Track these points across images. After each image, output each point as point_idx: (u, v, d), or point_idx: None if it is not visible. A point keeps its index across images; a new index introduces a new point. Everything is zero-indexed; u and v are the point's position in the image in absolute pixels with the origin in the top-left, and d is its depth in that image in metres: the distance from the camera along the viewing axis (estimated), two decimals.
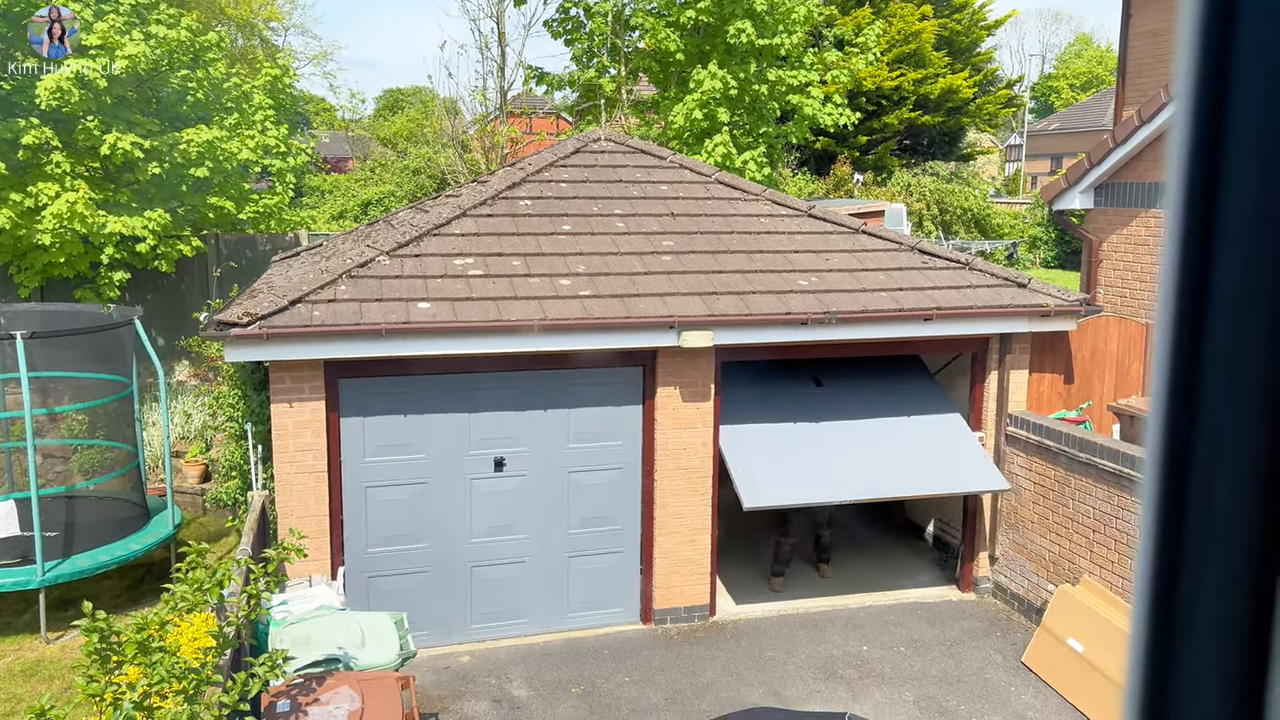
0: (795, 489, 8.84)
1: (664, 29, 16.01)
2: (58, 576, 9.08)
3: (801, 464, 9.02)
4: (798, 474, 8.91)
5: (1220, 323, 0.51)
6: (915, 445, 9.38)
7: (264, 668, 5.32)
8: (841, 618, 9.53)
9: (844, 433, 9.39)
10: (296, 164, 16.22)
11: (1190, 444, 0.52)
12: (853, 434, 9.39)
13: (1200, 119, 0.51)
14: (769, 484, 8.78)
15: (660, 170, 10.85)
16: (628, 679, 8.37)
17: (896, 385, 9.87)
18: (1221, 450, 0.51)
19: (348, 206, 24.42)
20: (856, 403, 9.64)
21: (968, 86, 35.01)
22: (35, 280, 14.09)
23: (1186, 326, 0.52)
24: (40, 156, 13.32)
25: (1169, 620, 0.53)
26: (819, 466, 9.03)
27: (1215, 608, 0.51)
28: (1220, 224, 0.50)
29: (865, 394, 9.73)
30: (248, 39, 29.31)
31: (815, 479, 8.92)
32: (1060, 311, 9.40)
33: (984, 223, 32.59)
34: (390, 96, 45.83)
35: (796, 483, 8.86)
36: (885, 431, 9.45)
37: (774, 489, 8.76)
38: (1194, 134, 0.51)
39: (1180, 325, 0.52)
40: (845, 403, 9.64)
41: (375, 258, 8.67)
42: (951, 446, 9.45)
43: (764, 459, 8.97)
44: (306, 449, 8.20)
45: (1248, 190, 0.50)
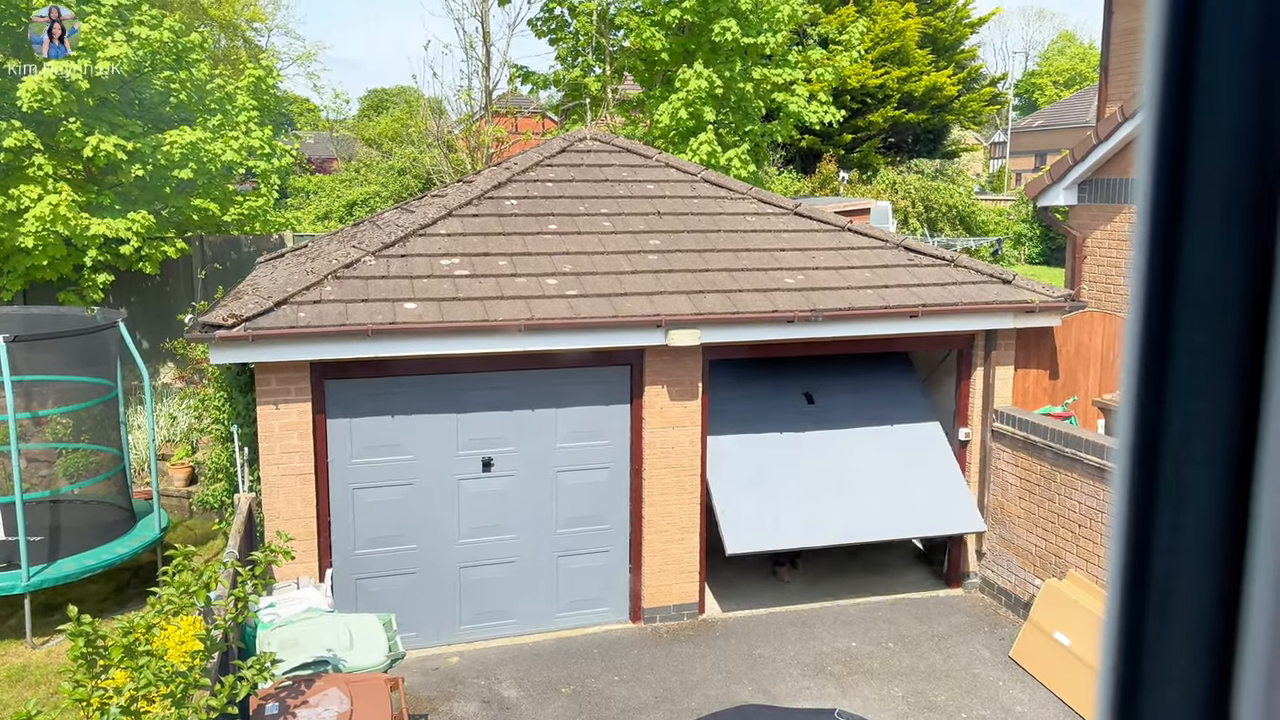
0: (777, 534, 9.11)
1: (649, 28, 16.02)
2: (43, 581, 9.02)
3: (785, 497, 9.26)
4: (780, 513, 9.16)
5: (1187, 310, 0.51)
6: (899, 473, 9.64)
7: (252, 670, 5.30)
8: (830, 615, 9.55)
9: (828, 450, 9.57)
10: (281, 165, 16.14)
11: (1160, 431, 0.53)
12: (837, 452, 9.58)
13: (1167, 107, 0.52)
14: (752, 527, 9.05)
15: (646, 169, 10.85)
16: (617, 678, 8.38)
17: (882, 389, 9.91)
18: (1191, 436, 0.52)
19: (333, 207, 24.32)
20: (842, 412, 9.74)
21: (952, 84, 35.13)
22: (18, 283, 13.98)
23: (1155, 315, 0.52)
24: (22, 159, 13.22)
25: (1141, 604, 0.54)
26: (802, 501, 9.27)
27: (1186, 591, 0.52)
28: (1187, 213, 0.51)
29: (851, 400, 9.79)
30: (231, 40, 29.16)
31: (798, 519, 9.18)
32: (1045, 308, 9.45)
33: (969, 220, 32.72)
34: (375, 96, 45.67)
35: (778, 526, 9.11)
36: (869, 449, 9.64)
37: (757, 534, 9.05)
38: (1161, 123, 0.52)
39: (1149, 313, 0.52)
40: (831, 412, 9.70)
41: (361, 258, 8.64)
42: (934, 474, 9.72)
43: (748, 495, 9.20)
44: (293, 451, 8.17)
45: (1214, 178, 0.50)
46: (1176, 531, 0.52)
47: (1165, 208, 0.51)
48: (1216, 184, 0.50)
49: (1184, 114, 0.50)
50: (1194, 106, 0.50)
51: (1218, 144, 0.50)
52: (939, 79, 34.37)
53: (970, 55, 39.27)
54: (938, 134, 37.20)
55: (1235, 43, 0.49)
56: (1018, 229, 31.87)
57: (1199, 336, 0.50)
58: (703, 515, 9.33)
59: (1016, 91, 65.25)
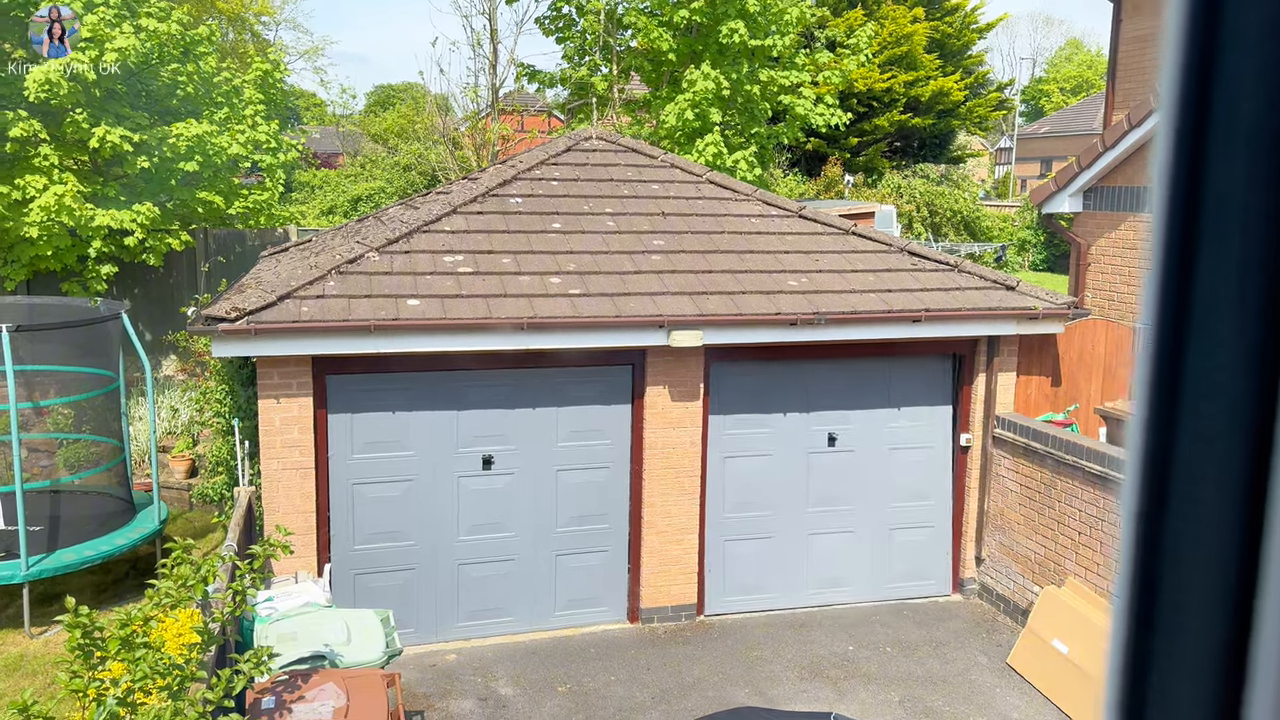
0: (751, 597, 9.58)
1: (656, 28, 16.01)
2: (42, 571, 9.03)
3: (775, 534, 9.64)
4: (760, 571, 9.59)
5: (1202, 324, 0.51)
6: (892, 516, 9.93)
7: (249, 664, 5.30)
8: (829, 618, 9.55)
9: (827, 472, 9.72)
10: (286, 160, 16.15)
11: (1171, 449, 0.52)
12: (834, 477, 9.74)
13: (1184, 120, 0.51)
14: (732, 589, 9.53)
15: (651, 169, 10.85)
16: (614, 678, 8.37)
17: (888, 395, 9.86)
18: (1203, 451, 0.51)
19: (337, 202, 24.33)
20: (847, 432, 9.73)
21: (959, 89, 35.11)
22: (22, 273, 14.00)
23: (1169, 327, 0.52)
24: (28, 149, 13.24)
25: (1149, 618, 0.53)
26: (790, 544, 9.67)
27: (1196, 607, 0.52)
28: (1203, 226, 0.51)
29: (850, 399, 9.75)
30: (238, 33, 29.18)
31: (776, 580, 9.64)
32: (1048, 314, 9.43)
33: (973, 225, 32.69)
34: (381, 92, 45.69)
35: (754, 588, 9.59)
36: (866, 474, 9.81)
37: (734, 596, 9.55)
38: (1178, 135, 0.51)
39: (1163, 326, 0.52)
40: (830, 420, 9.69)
41: (365, 254, 8.64)
42: (926, 516, 10.00)
43: (736, 532, 9.53)
44: (294, 445, 8.17)
45: (1230, 191, 0.50)
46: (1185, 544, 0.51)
47: (1181, 220, 0.50)
48: (1234, 194, 0.49)
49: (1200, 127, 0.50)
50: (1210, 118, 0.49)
51: (1235, 152, 0.49)
52: (946, 84, 34.35)
53: (978, 61, 39.23)
54: (944, 139, 37.17)
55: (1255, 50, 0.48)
56: (1022, 235, 31.86)
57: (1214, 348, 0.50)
58: (701, 516, 9.32)
59: (1023, 97, 65.23)
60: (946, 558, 10.18)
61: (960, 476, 10.03)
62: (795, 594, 9.78)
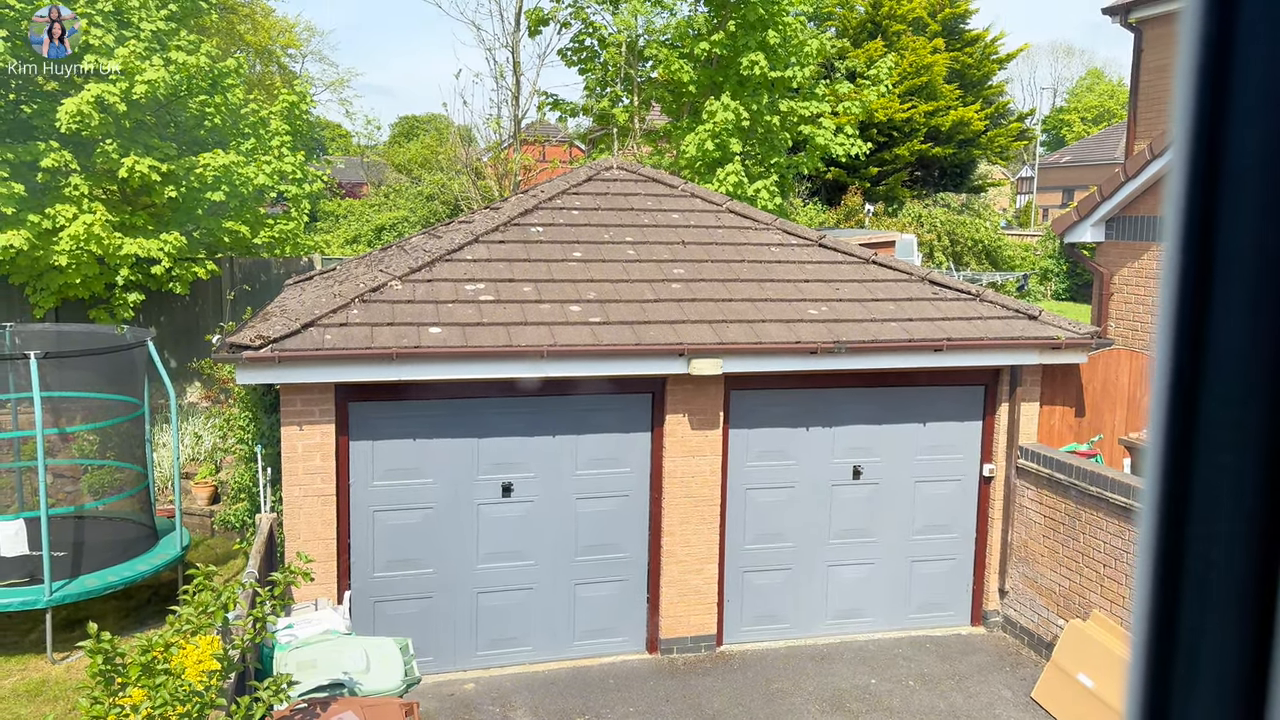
0: (770, 628, 9.60)
1: (677, 60, 16.15)
2: (65, 597, 9.08)
3: (786, 578, 9.64)
4: (780, 601, 9.60)
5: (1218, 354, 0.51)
6: (914, 546, 9.88)
7: (268, 692, 5.30)
8: (849, 650, 9.45)
9: (848, 505, 9.67)
10: (312, 190, 16.36)
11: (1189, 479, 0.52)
12: (855, 509, 9.68)
13: (1198, 152, 0.51)
14: (751, 620, 9.55)
15: (672, 199, 10.90)
16: (633, 709, 8.31)
17: (915, 424, 9.78)
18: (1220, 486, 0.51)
19: (361, 231, 24.58)
20: (867, 461, 9.67)
21: (979, 119, 35.11)
22: (51, 300, 14.20)
23: (1185, 358, 0.52)
24: (59, 179, 13.47)
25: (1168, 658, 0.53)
26: (804, 585, 9.66)
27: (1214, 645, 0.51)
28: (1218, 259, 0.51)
29: (878, 445, 9.68)
30: (265, 65, 29.65)
31: (795, 611, 9.64)
32: (1071, 344, 9.37)
33: (995, 254, 32.57)
34: (405, 123, 46.21)
35: (774, 618, 9.61)
36: (890, 504, 9.75)
37: (754, 626, 9.57)
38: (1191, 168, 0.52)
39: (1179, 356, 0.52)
40: (854, 450, 9.62)
41: (388, 282, 8.72)
42: (948, 548, 9.96)
43: (755, 579, 9.56)
44: (315, 472, 8.21)
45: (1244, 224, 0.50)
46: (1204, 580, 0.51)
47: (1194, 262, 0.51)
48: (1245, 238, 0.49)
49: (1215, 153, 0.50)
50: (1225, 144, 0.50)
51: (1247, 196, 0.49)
52: (966, 114, 34.38)
53: (998, 90, 39.27)
54: (964, 168, 37.15)
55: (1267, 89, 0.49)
56: (1044, 264, 31.70)
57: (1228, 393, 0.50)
58: (721, 546, 9.27)
59: (1044, 127, 65.15)
60: (968, 590, 10.07)
61: (983, 507, 9.94)
62: (815, 625, 9.70)
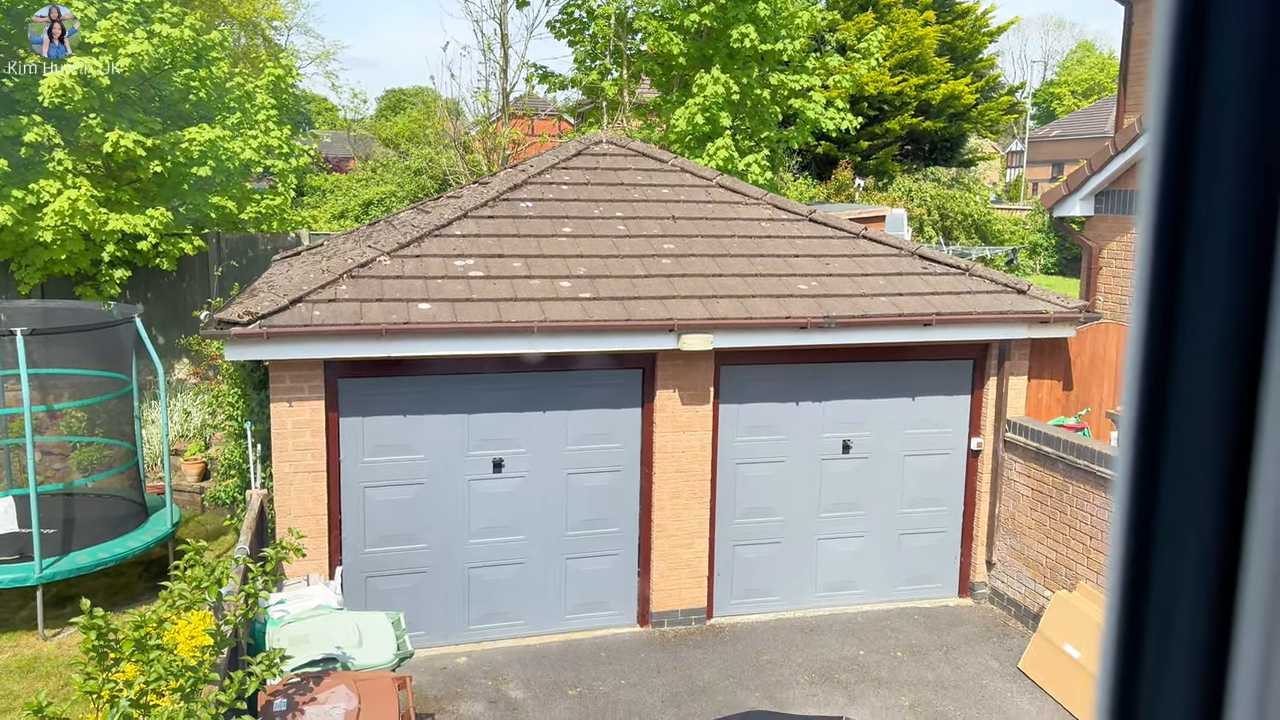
0: (760, 600, 9.67)
1: (667, 32, 16.04)
2: (56, 573, 9.09)
3: (776, 551, 9.71)
4: (769, 574, 9.68)
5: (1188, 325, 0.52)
6: (902, 518, 9.94)
7: (261, 666, 5.33)
8: (839, 622, 9.53)
9: (838, 476, 9.72)
10: (298, 165, 16.24)
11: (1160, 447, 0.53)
12: (846, 481, 9.74)
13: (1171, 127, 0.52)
14: (741, 593, 9.63)
15: (661, 173, 10.87)
16: (624, 681, 8.38)
17: (904, 398, 9.82)
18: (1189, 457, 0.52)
19: (349, 206, 24.44)
20: (861, 434, 9.70)
21: (970, 92, 35.04)
22: (36, 277, 14.11)
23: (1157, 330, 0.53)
24: (42, 154, 13.34)
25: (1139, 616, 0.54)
26: (794, 558, 9.74)
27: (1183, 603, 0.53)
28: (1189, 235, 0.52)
29: (868, 419, 9.73)
30: (250, 38, 29.34)
31: (785, 583, 9.73)
32: (1060, 318, 9.41)
33: (985, 229, 32.61)
34: (392, 97, 45.87)
35: (764, 591, 9.68)
36: (880, 477, 9.82)
37: (744, 599, 9.64)
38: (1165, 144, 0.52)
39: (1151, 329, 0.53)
40: (844, 425, 9.66)
41: (376, 258, 8.68)
42: (937, 520, 10.03)
43: (745, 552, 9.63)
44: (305, 448, 8.21)
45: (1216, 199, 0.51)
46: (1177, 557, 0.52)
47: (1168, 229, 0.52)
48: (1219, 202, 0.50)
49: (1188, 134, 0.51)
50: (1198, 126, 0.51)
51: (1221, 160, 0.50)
52: (957, 87, 34.29)
53: (989, 64, 39.15)
54: (955, 142, 37.10)
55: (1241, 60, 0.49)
56: (1033, 239, 31.75)
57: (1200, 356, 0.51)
58: (712, 520, 9.33)
59: (1034, 100, 65.03)
60: (956, 562, 10.16)
61: (971, 481, 10.01)
62: (804, 597, 9.78)
